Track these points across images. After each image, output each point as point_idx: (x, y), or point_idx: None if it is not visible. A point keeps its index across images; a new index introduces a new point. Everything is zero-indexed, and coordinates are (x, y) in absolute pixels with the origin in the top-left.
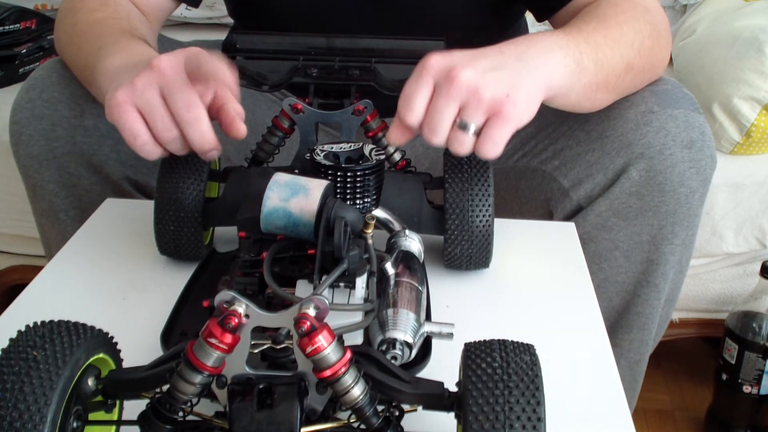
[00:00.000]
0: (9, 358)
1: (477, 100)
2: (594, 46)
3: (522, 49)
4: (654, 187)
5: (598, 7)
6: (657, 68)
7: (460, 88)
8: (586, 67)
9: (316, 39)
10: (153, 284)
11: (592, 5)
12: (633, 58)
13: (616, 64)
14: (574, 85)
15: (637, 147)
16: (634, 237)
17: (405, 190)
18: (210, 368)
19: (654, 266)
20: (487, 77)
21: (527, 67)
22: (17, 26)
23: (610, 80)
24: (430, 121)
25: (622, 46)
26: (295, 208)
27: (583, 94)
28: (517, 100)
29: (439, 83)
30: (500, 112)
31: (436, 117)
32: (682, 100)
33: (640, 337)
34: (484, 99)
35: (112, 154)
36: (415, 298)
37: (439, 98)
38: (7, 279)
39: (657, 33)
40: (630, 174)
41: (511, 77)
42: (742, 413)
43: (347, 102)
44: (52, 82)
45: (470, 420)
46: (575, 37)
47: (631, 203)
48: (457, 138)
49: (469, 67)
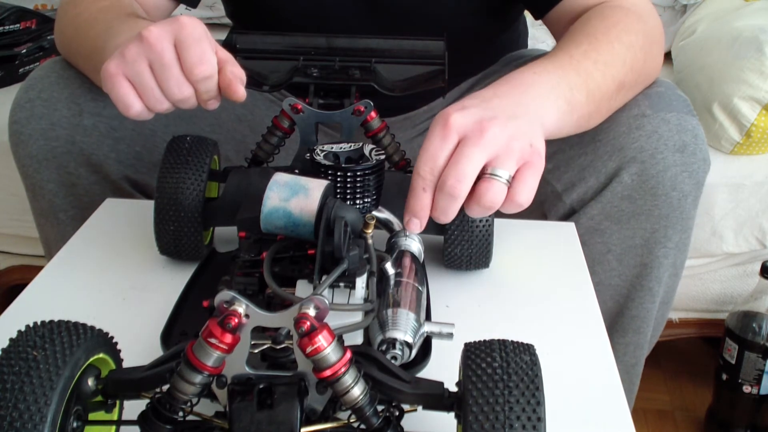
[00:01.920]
0: (9, 358)
1: (509, 151)
2: (585, 77)
3: (517, 95)
4: (646, 191)
5: (588, 22)
6: (651, 76)
7: (492, 142)
8: (578, 102)
9: (316, 39)
10: (153, 284)
11: (583, 18)
12: (625, 76)
13: (607, 89)
14: (566, 123)
15: (629, 151)
16: (627, 240)
17: (405, 190)
18: (210, 368)
19: (648, 269)
20: (512, 128)
21: (529, 114)
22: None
23: (602, 105)
24: (456, 171)
25: (614, 68)
26: (295, 208)
27: (576, 125)
28: (538, 149)
29: (468, 136)
30: (530, 161)
31: (465, 165)
32: (675, 103)
33: (635, 340)
34: (515, 150)
35: (112, 154)
36: (415, 298)
37: (467, 148)
38: (7, 279)
39: (650, 42)
40: (622, 178)
41: (527, 126)
42: (742, 413)
43: (347, 102)
44: (51, 82)
45: (470, 420)
46: (566, 70)
47: (623, 207)
48: (492, 187)
49: (495, 120)
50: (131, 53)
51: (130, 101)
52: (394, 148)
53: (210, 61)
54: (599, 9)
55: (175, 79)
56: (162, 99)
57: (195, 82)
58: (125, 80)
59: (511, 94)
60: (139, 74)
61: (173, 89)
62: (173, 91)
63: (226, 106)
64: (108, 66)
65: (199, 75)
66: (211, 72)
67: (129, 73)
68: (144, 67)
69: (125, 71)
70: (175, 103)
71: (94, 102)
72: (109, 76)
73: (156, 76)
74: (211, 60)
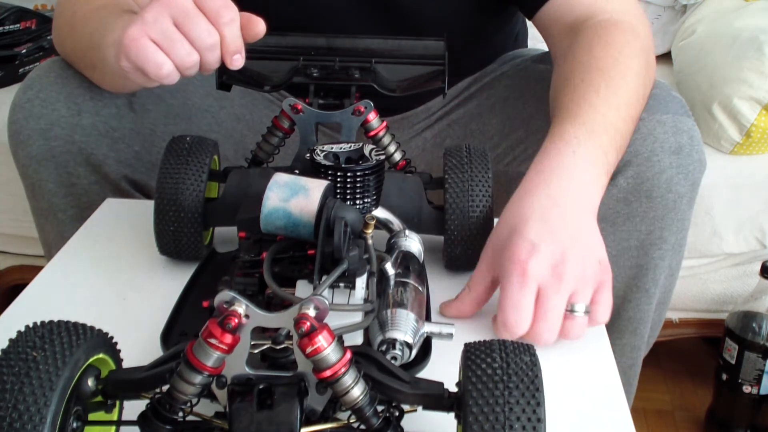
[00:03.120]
0: (9, 359)
1: (584, 285)
2: (612, 132)
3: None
4: (641, 194)
5: (591, 51)
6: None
7: (570, 282)
8: (612, 163)
9: (316, 39)
10: (153, 284)
11: (584, 45)
12: (639, 108)
13: (627, 131)
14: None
15: (625, 154)
16: (623, 242)
17: (405, 190)
18: (210, 368)
19: (644, 271)
20: (581, 256)
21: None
22: (17, 26)
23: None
24: (545, 323)
25: (631, 107)
26: (295, 208)
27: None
28: (603, 261)
29: (546, 284)
30: (602, 280)
31: (553, 315)
32: (670, 104)
33: (632, 341)
34: (589, 279)
35: (111, 153)
36: (415, 299)
37: (550, 298)
38: (7, 279)
39: (647, 56)
40: (617, 181)
41: (588, 240)
42: (742, 413)
43: (347, 102)
44: (50, 82)
45: (470, 420)
46: (598, 134)
47: (618, 209)
48: (574, 324)
49: (568, 261)
50: (152, 14)
51: (161, 59)
52: (394, 148)
53: (232, 5)
54: (593, 29)
55: (204, 25)
56: (191, 50)
57: (222, 26)
58: (150, 41)
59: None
60: (165, 30)
61: (203, 35)
62: (203, 37)
63: (225, 105)
64: (131, 32)
65: (226, 17)
66: (235, 14)
67: (153, 33)
68: (168, 23)
69: (149, 33)
70: (205, 51)
71: (93, 101)
72: (132, 41)
73: (182, 28)
74: (233, 4)
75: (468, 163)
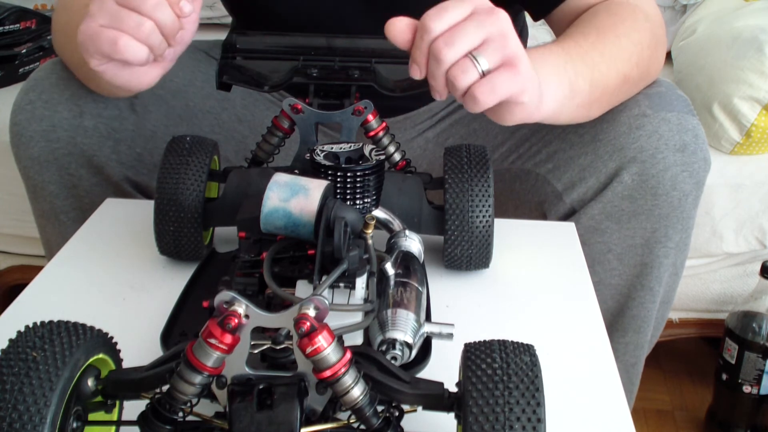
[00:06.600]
0: (8, 359)
1: (503, 42)
2: (590, 66)
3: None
4: (647, 191)
5: (596, 16)
6: (653, 75)
7: (496, 25)
8: (581, 89)
9: (316, 39)
10: (153, 284)
11: (590, 12)
12: (630, 71)
13: (611, 81)
14: (565, 108)
15: (629, 151)
16: (627, 240)
17: (405, 190)
18: (210, 368)
19: (648, 269)
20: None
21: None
22: (17, 26)
23: (604, 96)
24: (451, 37)
25: (619, 61)
26: (295, 208)
27: (576, 113)
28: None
29: (479, 12)
30: (516, 66)
31: (461, 35)
32: (675, 103)
33: (635, 340)
34: (509, 46)
35: (113, 155)
36: (415, 299)
37: (472, 21)
38: (7, 279)
39: (656, 41)
40: (622, 178)
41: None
42: (742, 413)
43: (347, 102)
44: (52, 83)
45: (470, 421)
46: (572, 56)
47: (623, 207)
48: (464, 66)
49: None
50: (95, 6)
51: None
52: (393, 148)
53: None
54: (606, 5)
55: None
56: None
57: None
58: (102, 28)
59: None
60: (111, 11)
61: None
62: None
63: (227, 106)
64: (82, 29)
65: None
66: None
67: (102, 20)
68: (112, 4)
69: (98, 21)
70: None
71: (94, 103)
72: (86, 36)
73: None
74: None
75: (468, 163)
